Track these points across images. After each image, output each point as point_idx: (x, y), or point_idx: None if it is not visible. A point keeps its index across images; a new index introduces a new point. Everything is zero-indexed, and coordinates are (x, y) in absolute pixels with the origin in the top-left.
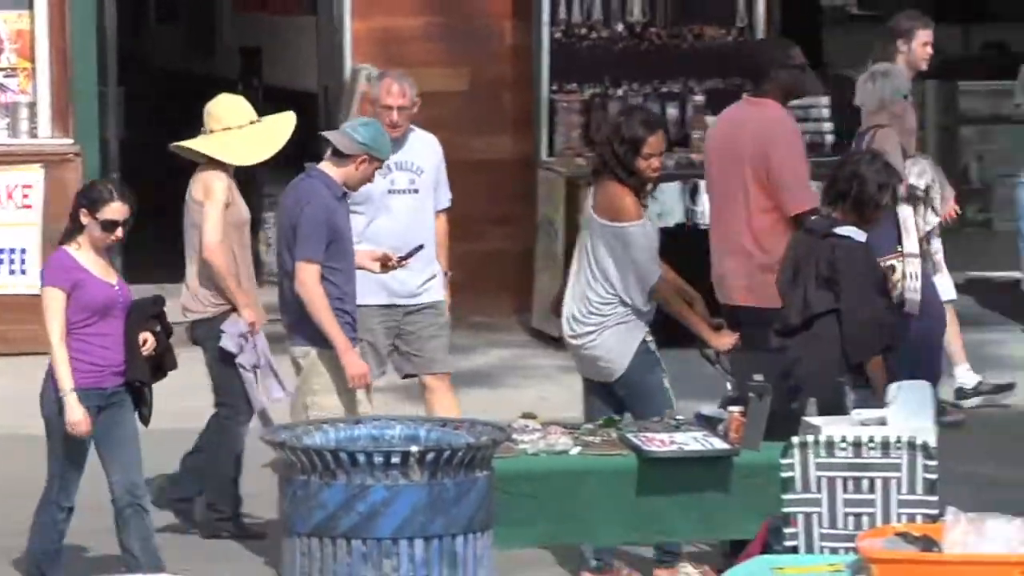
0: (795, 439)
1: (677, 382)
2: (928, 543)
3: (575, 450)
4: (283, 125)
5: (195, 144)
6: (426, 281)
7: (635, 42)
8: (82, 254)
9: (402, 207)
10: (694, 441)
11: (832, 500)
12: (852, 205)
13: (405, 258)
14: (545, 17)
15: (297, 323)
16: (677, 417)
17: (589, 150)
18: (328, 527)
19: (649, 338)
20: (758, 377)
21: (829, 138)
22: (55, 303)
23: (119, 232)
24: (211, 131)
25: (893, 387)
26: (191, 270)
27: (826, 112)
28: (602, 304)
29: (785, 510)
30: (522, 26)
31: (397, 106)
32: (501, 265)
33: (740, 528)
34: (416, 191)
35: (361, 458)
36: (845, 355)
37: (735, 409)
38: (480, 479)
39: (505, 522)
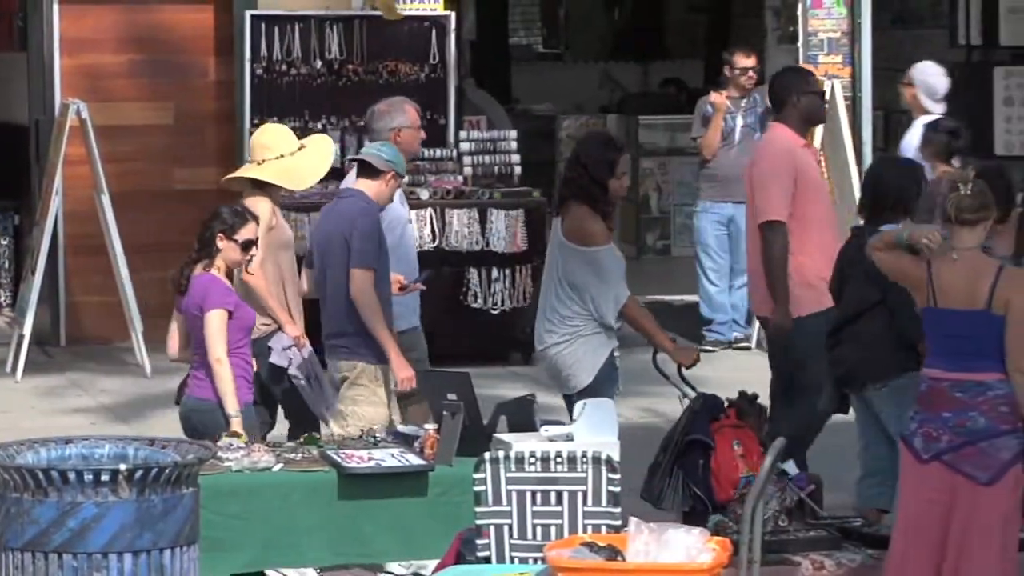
0: (487, 455)
1: None
2: (612, 552)
3: (277, 467)
4: (326, 148)
5: (253, 172)
6: None
7: (333, 78)
8: (223, 277)
9: None
10: (391, 457)
11: (522, 512)
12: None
13: (416, 281)
14: (247, 53)
15: (345, 338)
16: (376, 434)
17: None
18: (40, 542)
19: (616, 353)
20: (451, 396)
21: (517, 169)
22: (224, 324)
23: (253, 250)
24: (263, 160)
25: (579, 405)
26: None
27: (514, 144)
28: (573, 317)
29: (477, 522)
30: (225, 62)
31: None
32: None
33: (437, 541)
34: None
35: (72, 476)
36: (900, 340)
37: (430, 427)
38: (186, 495)
39: (215, 547)
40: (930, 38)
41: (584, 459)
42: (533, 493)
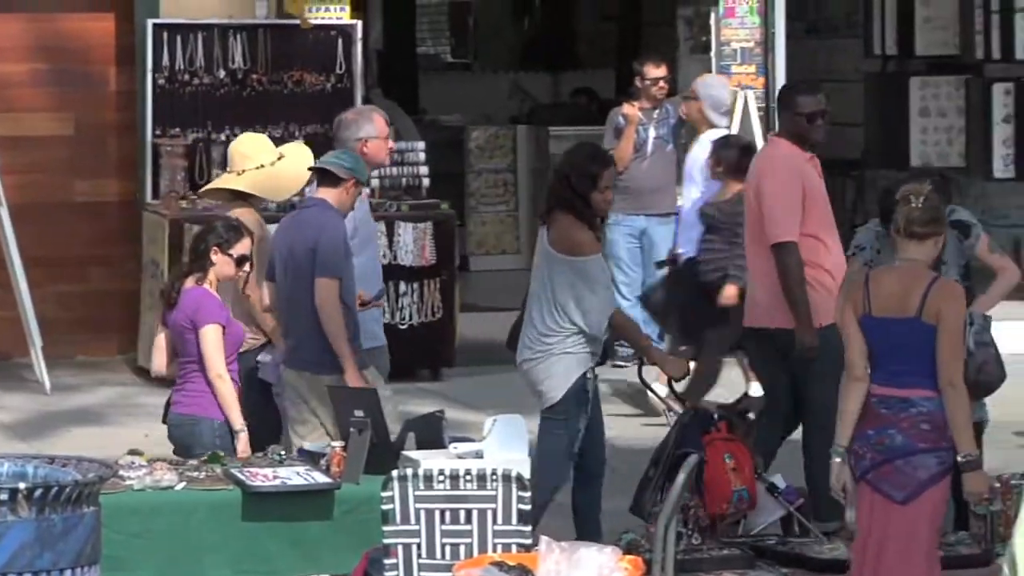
0: (395, 472)
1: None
2: (523, 572)
3: (180, 485)
4: (305, 157)
5: (232, 183)
6: None
7: (237, 88)
8: (215, 292)
9: None
10: (297, 476)
11: (430, 531)
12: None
13: (367, 303)
14: (149, 63)
15: (309, 351)
16: (280, 452)
17: (193, 193)
18: None
19: (591, 375)
20: (359, 413)
21: (425, 181)
22: (221, 339)
23: (247, 267)
24: (243, 170)
25: (489, 421)
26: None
27: (422, 156)
28: (553, 333)
29: (385, 541)
30: (126, 72)
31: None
32: (106, 305)
33: (344, 561)
34: None
35: None
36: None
37: (336, 444)
38: (87, 514)
39: (117, 566)
40: (845, 48)
41: (494, 477)
42: (442, 511)
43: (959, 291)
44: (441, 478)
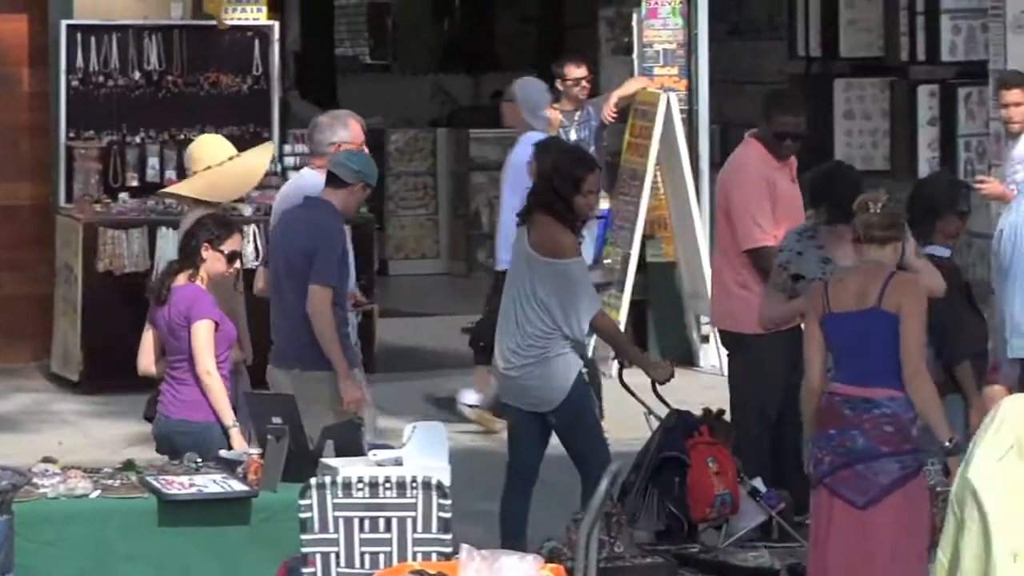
0: (313, 480)
1: None
2: None
3: (95, 493)
4: (261, 158)
5: (180, 188)
6: None
7: (152, 89)
8: (206, 288)
9: None
10: (214, 483)
11: (349, 539)
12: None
13: (369, 301)
14: (62, 65)
15: (299, 348)
16: (197, 460)
17: (107, 196)
18: None
19: (584, 370)
20: (276, 420)
21: None
22: (212, 336)
23: (237, 264)
24: (194, 172)
25: (408, 427)
26: None
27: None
28: (541, 336)
29: (303, 550)
30: (39, 72)
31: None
32: (19, 311)
33: (261, 570)
34: None
35: None
36: (939, 361)
37: (253, 452)
38: (0, 523)
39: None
40: (768, 49)
41: (414, 484)
42: (361, 519)
43: (917, 282)
44: (360, 486)
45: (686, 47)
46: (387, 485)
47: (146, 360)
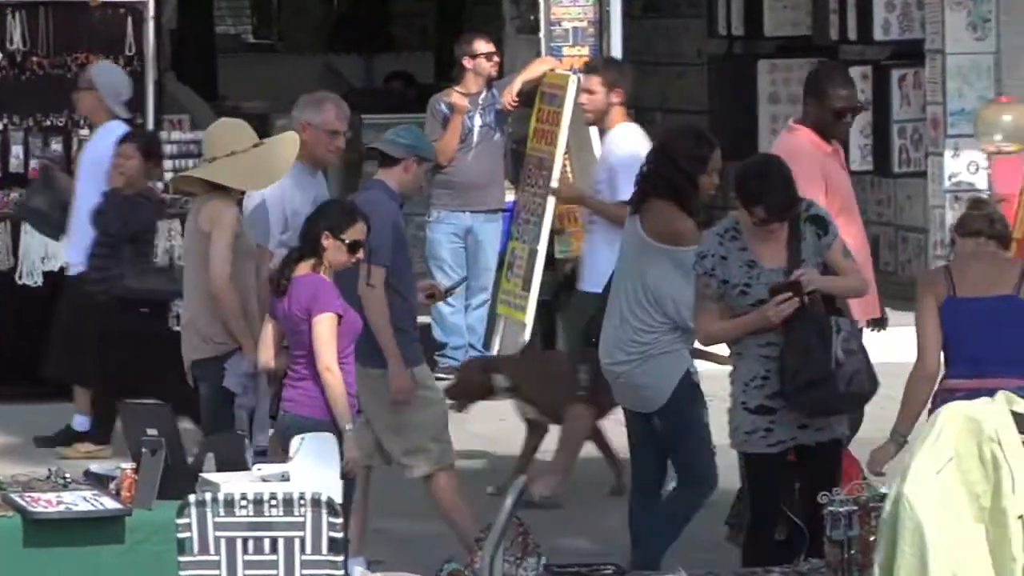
0: (192, 497)
1: None
2: None
3: None
4: (288, 146)
5: (201, 173)
6: None
7: (16, 71)
8: (329, 279)
9: None
10: (83, 501)
11: (232, 562)
12: None
13: (451, 290)
14: None
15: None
16: (65, 475)
17: None
18: None
19: (694, 369)
20: (152, 431)
21: None
22: (335, 329)
23: (360, 253)
24: (214, 158)
25: (296, 440)
26: (197, 307)
27: None
28: (647, 331)
29: (181, 573)
30: None
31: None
32: None
33: None
34: None
35: None
36: None
37: (127, 466)
38: None
39: None
40: (687, 28)
41: (302, 501)
42: (244, 540)
43: None
44: (244, 503)
45: (597, 25)
46: (273, 502)
47: (266, 354)
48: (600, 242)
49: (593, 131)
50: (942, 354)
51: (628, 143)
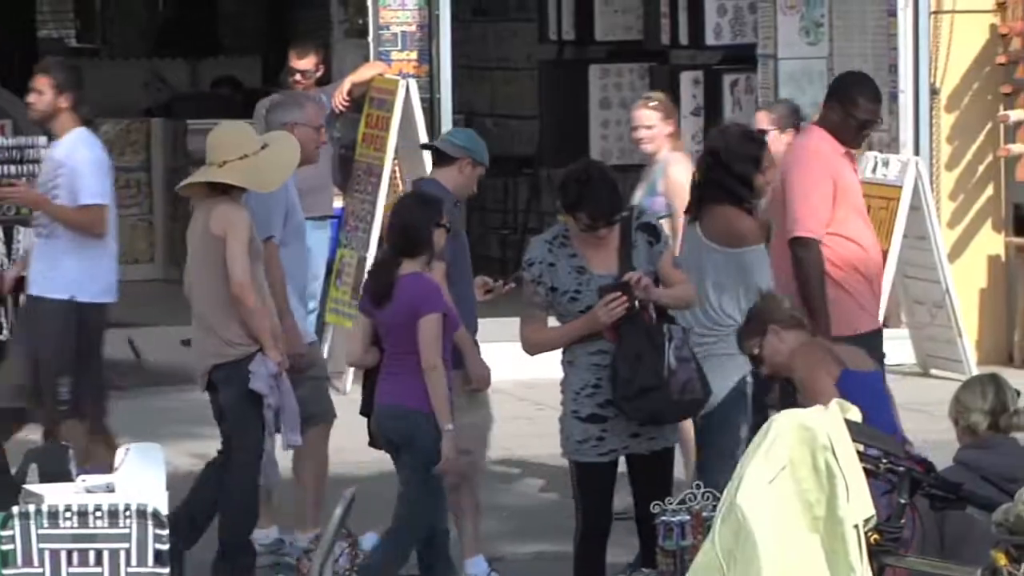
0: (15, 509)
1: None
2: None
3: None
4: (289, 146)
5: (217, 176)
6: None
7: None
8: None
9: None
10: None
11: (56, 574)
12: None
13: (507, 283)
14: None
15: None
16: None
17: None
18: None
19: (749, 379)
20: None
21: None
22: (440, 329)
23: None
24: (224, 161)
25: (121, 450)
26: (213, 312)
27: (44, 152)
28: (709, 333)
29: None
30: None
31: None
32: None
33: None
34: None
35: None
36: None
37: None
38: None
39: None
40: (517, 32)
41: (127, 513)
42: (69, 552)
43: None
44: (68, 515)
45: (426, 29)
46: (98, 514)
47: (357, 349)
48: (60, 250)
49: (422, 134)
50: None
51: (85, 147)
